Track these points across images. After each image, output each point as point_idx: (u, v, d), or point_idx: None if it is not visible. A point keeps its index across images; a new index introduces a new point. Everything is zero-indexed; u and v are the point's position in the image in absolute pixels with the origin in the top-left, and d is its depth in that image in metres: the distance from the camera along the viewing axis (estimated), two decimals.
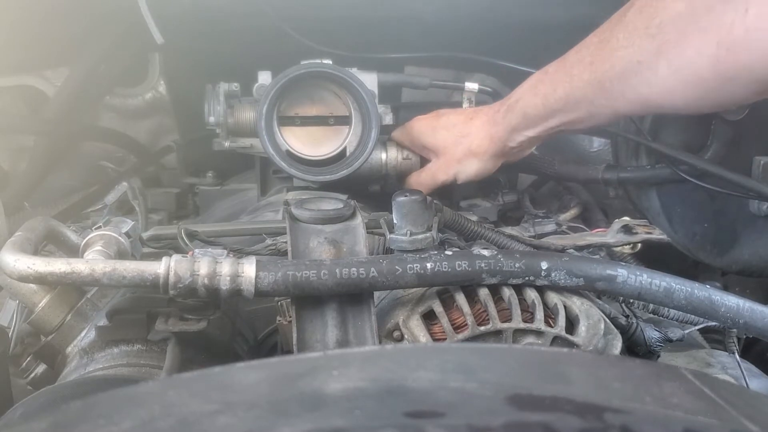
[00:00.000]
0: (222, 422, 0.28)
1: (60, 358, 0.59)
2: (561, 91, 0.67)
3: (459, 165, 0.82)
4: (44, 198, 0.99)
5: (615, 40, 0.59)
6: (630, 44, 0.58)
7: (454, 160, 0.82)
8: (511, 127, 0.75)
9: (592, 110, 0.65)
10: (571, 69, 0.65)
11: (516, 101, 0.74)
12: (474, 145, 0.80)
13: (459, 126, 0.82)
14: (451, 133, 0.82)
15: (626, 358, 0.49)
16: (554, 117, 0.70)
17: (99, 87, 1.02)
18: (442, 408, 0.28)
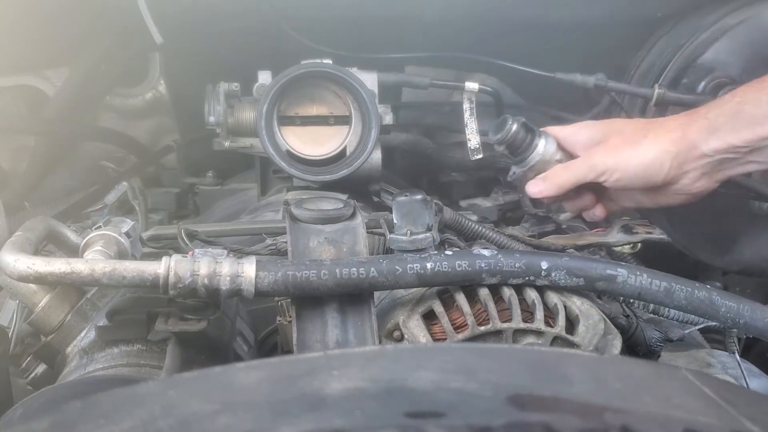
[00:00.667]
0: (222, 422, 0.28)
1: (60, 358, 0.59)
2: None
3: (624, 151, 0.63)
4: (44, 198, 0.99)
5: None
6: None
7: (623, 143, 0.64)
8: (712, 126, 0.61)
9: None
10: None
11: (731, 98, 0.62)
12: (652, 134, 0.63)
13: (640, 123, 0.67)
14: (628, 127, 0.66)
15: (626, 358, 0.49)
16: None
17: (99, 87, 1.02)
18: (443, 408, 0.28)
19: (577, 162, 0.67)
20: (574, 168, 0.66)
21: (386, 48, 0.98)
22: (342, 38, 0.95)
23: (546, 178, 0.68)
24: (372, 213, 0.73)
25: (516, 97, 1.07)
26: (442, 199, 0.85)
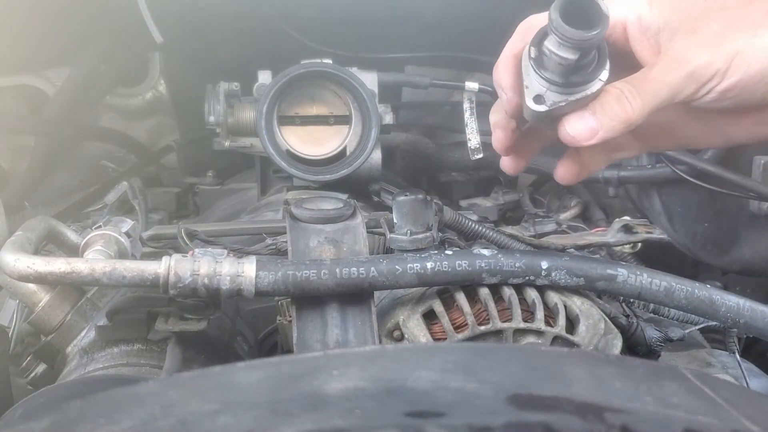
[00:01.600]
0: (222, 422, 0.28)
1: (60, 357, 0.59)
2: None
3: (740, 36, 0.39)
4: (44, 197, 0.99)
5: None
6: None
7: (733, 25, 0.39)
8: None
9: None
10: None
11: None
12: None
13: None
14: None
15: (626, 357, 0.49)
16: None
17: (99, 87, 1.02)
18: (443, 408, 0.28)
19: (657, 74, 0.40)
20: (654, 85, 0.39)
21: (386, 48, 0.98)
22: (342, 38, 0.95)
23: (601, 111, 0.40)
24: (372, 213, 0.72)
25: None
26: (442, 199, 0.85)
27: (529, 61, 0.42)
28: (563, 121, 0.42)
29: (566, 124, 0.42)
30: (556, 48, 0.39)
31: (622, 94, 0.40)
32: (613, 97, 0.41)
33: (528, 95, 0.42)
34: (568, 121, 0.41)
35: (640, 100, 0.40)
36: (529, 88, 0.42)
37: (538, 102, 0.41)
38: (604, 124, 0.41)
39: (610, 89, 0.41)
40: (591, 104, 0.41)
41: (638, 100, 0.40)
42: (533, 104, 0.42)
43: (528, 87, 0.42)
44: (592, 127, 0.41)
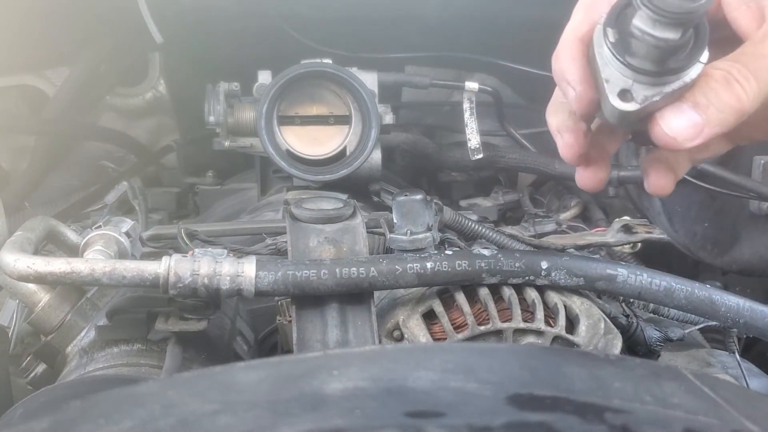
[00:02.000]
0: (222, 422, 0.28)
1: (60, 357, 0.59)
2: None
3: None
4: (44, 198, 0.99)
5: None
6: None
7: None
8: None
9: None
10: None
11: None
12: None
13: None
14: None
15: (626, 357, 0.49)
16: None
17: (99, 87, 1.02)
18: (443, 408, 0.28)
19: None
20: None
21: (386, 48, 0.98)
22: (342, 38, 0.95)
23: (705, 100, 0.32)
24: (372, 213, 0.72)
25: (516, 97, 1.07)
26: (442, 199, 0.85)
27: (606, 45, 0.32)
28: (657, 118, 0.33)
29: (662, 121, 0.32)
30: (651, 26, 0.30)
31: (731, 77, 0.32)
32: (720, 81, 0.32)
33: (610, 90, 0.33)
34: (664, 118, 0.32)
35: (755, 82, 0.32)
36: (610, 82, 0.33)
37: (625, 98, 0.32)
38: (711, 118, 0.32)
39: (712, 72, 0.32)
40: (689, 93, 0.32)
41: (752, 81, 0.32)
42: (619, 102, 0.32)
43: (608, 80, 0.33)
44: (696, 122, 0.32)
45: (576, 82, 0.35)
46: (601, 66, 0.33)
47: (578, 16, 0.37)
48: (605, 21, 0.33)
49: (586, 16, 0.36)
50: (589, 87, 0.35)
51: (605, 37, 0.33)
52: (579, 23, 0.36)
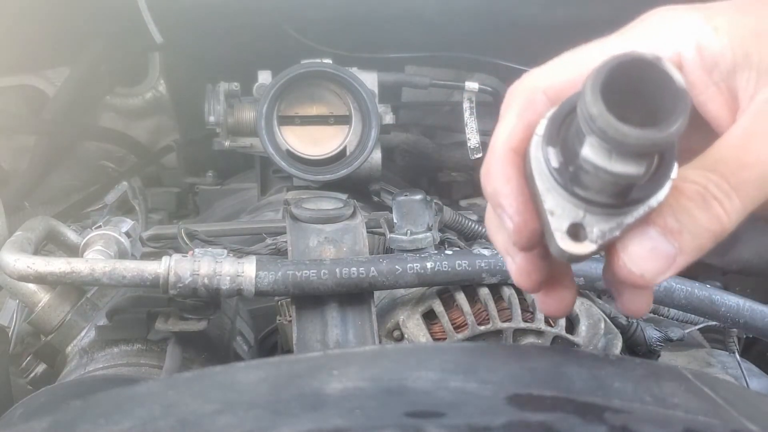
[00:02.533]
0: (222, 422, 0.28)
1: (60, 357, 0.59)
2: None
3: None
4: (44, 197, 0.99)
5: None
6: None
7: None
8: None
9: None
10: None
11: None
12: None
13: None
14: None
15: (626, 357, 0.49)
16: None
17: (99, 86, 1.02)
18: (443, 408, 0.28)
19: (757, 150, 0.26)
20: (757, 171, 0.26)
21: (386, 47, 0.98)
22: (342, 38, 0.95)
23: (678, 226, 0.26)
24: (372, 213, 0.72)
25: None
26: (442, 199, 0.85)
27: (549, 171, 0.25)
28: (618, 249, 0.26)
29: (624, 254, 0.26)
30: (604, 160, 0.23)
31: (708, 194, 0.25)
32: (695, 200, 0.25)
33: (555, 226, 0.25)
34: (627, 250, 0.26)
35: (737, 199, 0.25)
36: (555, 215, 0.25)
37: (576, 236, 0.25)
38: (685, 246, 0.25)
39: (685, 187, 0.26)
40: (657, 215, 0.25)
41: (734, 199, 0.25)
42: (568, 242, 0.25)
43: (552, 213, 0.25)
44: (667, 253, 0.25)
45: (512, 211, 0.27)
46: (542, 192, 0.25)
47: (510, 119, 0.29)
48: (544, 137, 0.25)
49: (521, 120, 0.28)
50: (530, 218, 0.27)
51: (546, 159, 0.25)
52: (512, 129, 0.28)
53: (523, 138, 0.28)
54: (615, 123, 0.22)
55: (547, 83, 0.28)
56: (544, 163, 0.25)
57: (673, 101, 0.23)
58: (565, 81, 0.28)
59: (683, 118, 0.22)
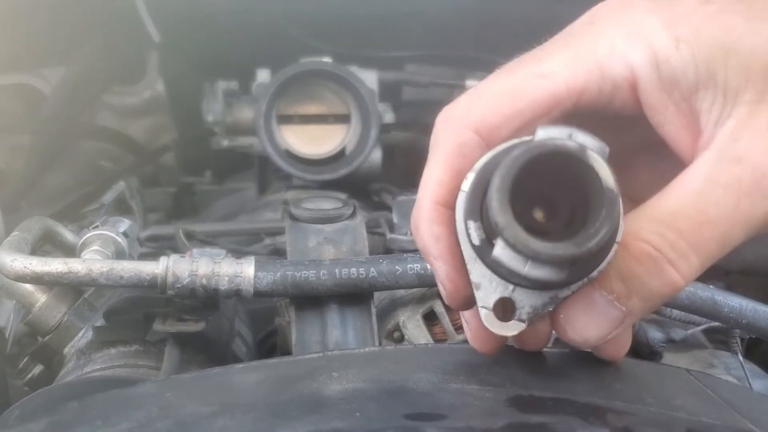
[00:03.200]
0: (220, 424, 0.28)
1: (57, 358, 0.58)
2: None
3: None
4: (41, 197, 0.98)
5: None
6: None
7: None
8: None
9: None
10: None
11: None
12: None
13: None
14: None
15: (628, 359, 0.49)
16: None
17: (96, 85, 1.02)
18: (443, 410, 0.28)
19: (722, 203, 0.23)
20: (720, 228, 0.23)
21: (386, 46, 0.98)
22: (341, 36, 0.94)
23: (626, 290, 0.24)
24: (372, 213, 0.72)
25: None
26: None
27: (471, 246, 0.23)
28: (558, 318, 0.25)
29: (566, 323, 0.25)
30: (519, 264, 0.21)
31: (661, 258, 0.22)
32: (646, 264, 0.22)
33: (482, 301, 0.24)
34: (568, 319, 0.24)
35: (695, 258, 0.22)
36: (482, 288, 0.23)
37: (504, 315, 0.24)
38: (634, 309, 0.24)
39: (635, 247, 0.23)
40: (602, 278, 0.23)
41: (692, 259, 0.22)
42: (495, 323, 0.24)
43: (479, 286, 0.23)
44: (613, 317, 0.24)
45: (443, 277, 0.25)
46: (468, 261, 0.23)
47: (436, 167, 0.26)
48: (464, 210, 0.23)
49: (449, 168, 0.25)
50: (462, 285, 0.25)
51: (466, 233, 0.23)
52: (438, 180, 0.26)
53: (450, 189, 0.25)
54: (523, 238, 0.20)
55: (479, 119, 0.25)
56: (466, 236, 0.23)
57: (599, 202, 0.20)
58: (500, 117, 0.24)
59: (608, 228, 0.20)
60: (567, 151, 0.20)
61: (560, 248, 0.20)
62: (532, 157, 0.20)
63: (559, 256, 0.20)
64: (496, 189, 0.20)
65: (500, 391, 0.30)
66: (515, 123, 0.25)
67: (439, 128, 0.27)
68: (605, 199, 0.20)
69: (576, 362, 0.34)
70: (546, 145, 0.21)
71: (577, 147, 0.20)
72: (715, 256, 0.23)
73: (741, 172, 0.22)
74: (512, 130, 0.25)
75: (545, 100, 0.24)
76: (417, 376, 0.30)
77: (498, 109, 0.25)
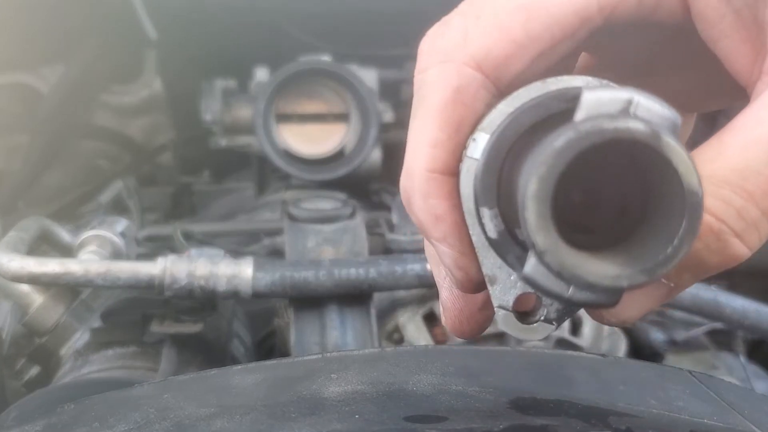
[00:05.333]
0: (218, 426, 0.27)
1: (54, 360, 0.58)
2: None
3: None
4: (38, 197, 0.98)
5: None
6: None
7: None
8: None
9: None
10: None
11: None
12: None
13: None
14: None
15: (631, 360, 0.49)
16: None
17: (94, 84, 1.01)
18: (443, 412, 0.28)
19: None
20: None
21: (386, 44, 0.98)
22: (341, 34, 0.94)
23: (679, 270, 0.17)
24: (372, 213, 0.72)
25: None
26: None
27: (484, 235, 0.19)
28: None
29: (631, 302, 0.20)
30: (560, 287, 0.17)
31: (725, 230, 0.18)
32: (705, 239, 0.18)
33: (497, 298, 0.20)
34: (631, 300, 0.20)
35: (765, 220, 0.18)
36: (499, 283, 0.19)
37: (526, 314, 0.20)
38: (683, 284, 0.20)
39: None
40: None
41: (765, 225, 0.18)
42: (514, 324, 0.20)
43: (493, 281, 0.20)
44: (659, 295, 0.20)
45: (450, 262, 0.21)
46: (479, 249, 0.19)
47: (428, 123, 0.20)
48: (475, 193, 0.18)
49: (445, 122, 0.19)
50: (475, 270, 0.20)
51: (480, 223, 0.19)
52: (433, 139, 0.20)
53: (450, 150, 0.19)
54: (571, 265, 0.15)
55: (481, 51, 0.19)
56: (479, 225, 0.19)
57: (675, 207, 0.15)
58: (509, 45, 0.18)
59: (688, 246, 0.15)
60: (636, 139, 0.15)
61: (624, 277, 0.15)
62: (583, 148, 0.15)
63: (622, 288, 0.16)
64: (532, 198, 0.15)
65: (501, 393, 0.29)
66: (530, 52, 0.19)
67: (424, 66, 0.20)
68: (686, 204, 0.15)
69: (577, 363, 0.34)
70: (604, 131, 0.15)
71: (649, 133, 0.15)
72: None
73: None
74: (526, 61, 0.19)
75: (568, 17, 0.18)
76: (417, 378, 0.30)
77: (506, 34, 0.19)
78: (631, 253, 0.16)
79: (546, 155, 0.15)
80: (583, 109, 0.15)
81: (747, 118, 0.18)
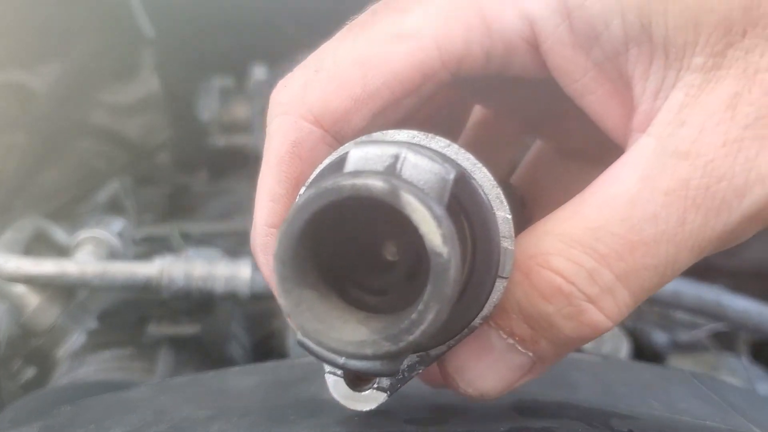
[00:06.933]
0: (216, 429, 0.27)
1: (50, 361, 0.58)
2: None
3: None
4: (34, 197, 0.97)
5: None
6: None
7: None
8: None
9: None
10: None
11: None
12: None
13: None
14: None
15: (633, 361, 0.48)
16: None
17: (90, 83, 1.01)
18: (444, 414, 0.28)
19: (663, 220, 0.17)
20: (658, 257, 0.17)
21: None
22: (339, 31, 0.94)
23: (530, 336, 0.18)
24: None
25: None
26: None
27: None
28: (446, 367, 0.20)
29: (455, 374, 0.19)
30: (328, 355, 0.16)
31: (576, 294, 0.17)
32: (555, 302, 0.17)
33: (329, 368, 0.20)
34: (460, 369, 0.19)
35: (624, 293, 0.17)
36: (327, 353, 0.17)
37: (358, 382, 0.19)
38: (544, 354, 0.18)
39: (535, 274, 0.17)
40: (499, 315, 0.18)
41: (619, 293, 0.17)
42: (344, 393, 0.19)
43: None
44: (518, 365, 0.19)
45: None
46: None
47: (268, 176, 0.19)
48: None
49: (283, 176, 0.19)
50: None
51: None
52: (271, 192, 0.19)
53: (287, 206, 0.19)
54: (314, 330, 0.14)
55: (318, 105, 0.19)
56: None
57: (426, 269, 0.13)
58: (346, 100, 0.18)
59: (435, 312, 0.13)
60: (374, 197, 0.13)
61: (368, 344, 0.14)
62: (322, 206, 0.14)
63: (366, 356, 0.14)
64: (275, 259, 0.14)
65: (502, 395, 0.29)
66: (369, 107, 0.18)
67: (269, 117, 0.20)
68: (431, 266, 0.14)
69: (579, 365, 0.33)
70: (342, 188, 0.14)
71: (387, 190, 0.13)
72: (652, 288, 0.18)
73: (689, 171, 0.16)
74: (367, 116, 0.18)
75: (408, 72, 0.18)
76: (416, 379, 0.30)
77: (343, 89, 0.19)
78: (390, 318, 0.14)
79: (288, 214, 0.14)
80: (350, 165, 0.15)
81: (607, 175, 0.17)
